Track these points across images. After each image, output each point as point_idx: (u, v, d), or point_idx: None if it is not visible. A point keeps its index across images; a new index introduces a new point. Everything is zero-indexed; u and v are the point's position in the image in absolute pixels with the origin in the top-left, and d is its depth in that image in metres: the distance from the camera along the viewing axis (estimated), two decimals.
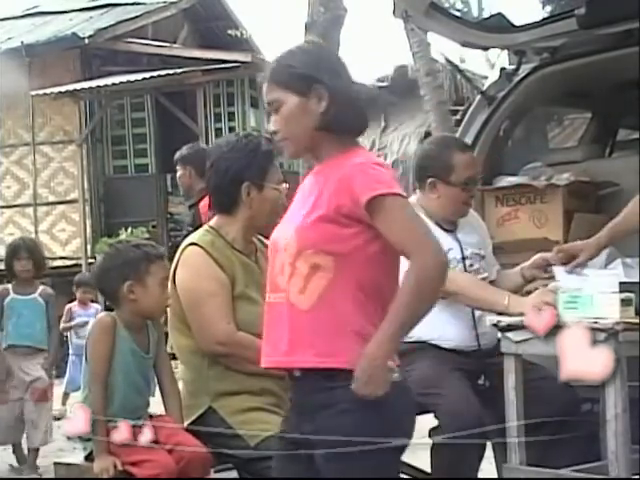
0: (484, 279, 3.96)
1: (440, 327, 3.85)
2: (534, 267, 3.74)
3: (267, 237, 3.58)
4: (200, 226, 3.58)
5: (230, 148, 3.41)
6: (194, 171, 6.15)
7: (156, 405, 3.38)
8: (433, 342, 3.85)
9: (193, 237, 3.40)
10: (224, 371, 3.26)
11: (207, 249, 3.31)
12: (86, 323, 8.54)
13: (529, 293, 3.63)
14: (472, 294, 3.78)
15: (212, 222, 3.45)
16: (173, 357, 3.39)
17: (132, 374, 3.20)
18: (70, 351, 9.00)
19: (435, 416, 3.69)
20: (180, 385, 3.35)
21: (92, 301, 9.23)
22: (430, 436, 3.65)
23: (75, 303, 9.03)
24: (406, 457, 3.74)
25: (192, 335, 3.29)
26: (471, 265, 3.92)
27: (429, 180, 3.91)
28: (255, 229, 3.46)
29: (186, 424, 3.24)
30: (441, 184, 3.91)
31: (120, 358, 3.17)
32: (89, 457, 3.16)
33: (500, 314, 3.52)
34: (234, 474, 3.33)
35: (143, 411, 3.24)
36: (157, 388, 3.39)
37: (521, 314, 3.42)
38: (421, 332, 3.87)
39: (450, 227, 3.98)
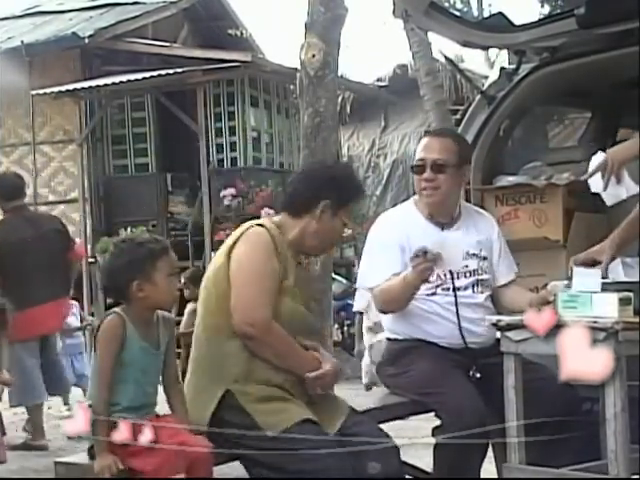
0: (484, 281, 3.95)
1: (429, 325, 3.86)
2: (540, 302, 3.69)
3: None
4: None
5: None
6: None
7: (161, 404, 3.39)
8: (428, 339, 3.86)
9: (260, 220, 3.51)
10: (246, 358, 3.27)
11: (272, 234, 3.37)
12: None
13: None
14: (390, 295, 3.81)
15: (277, 218, 3.54)
16: (178, 356, 3.41)
17: (141, 372, 3.21)
18: (58, 350, 8.98)
19: (436, 415, 3.70)
20: (188, 376, 3.37)
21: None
22: (433, 435, 3.65)
23: None
24: (408, 457, 3.76)
25: (223, 316, 3.29)
26: (465, 266, 3.90)
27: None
28: (306, 248, 3.53)
29: (208, 413, 3.24)
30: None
31: (129, 357, 3.18)
32: (92, 450, 3.16)
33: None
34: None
35: (150, 409, 3.25)
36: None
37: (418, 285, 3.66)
38: (413, 331, 3.89)
39: (445, 220, 3.97)
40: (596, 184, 3.59)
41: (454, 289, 3.85)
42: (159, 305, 3.27)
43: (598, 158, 3.61)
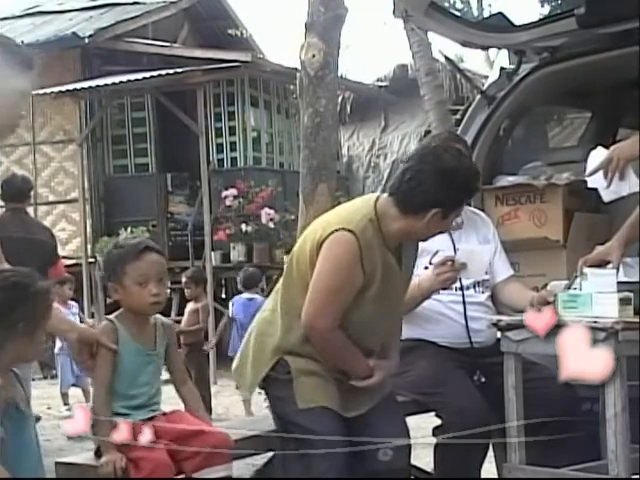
0: (484, 281, 3.96)
1: (433, 325, 3.86)
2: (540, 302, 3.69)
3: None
4: None
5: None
6: None
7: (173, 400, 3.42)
8: (429, 339, 3.86)
9: (350, 220, 3.29)
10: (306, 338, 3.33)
11: (360, 240, 3.23)
12: None
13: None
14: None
15: (380, 202, 3.34)
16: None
17: (137, 373, 3.23)
18: (56, 351, 8.98)
19: (437, 415, 3.70)
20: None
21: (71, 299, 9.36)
22: (434, 435, 3.66)
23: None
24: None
25: (298, 296, 3.31)
26: None
27: None
28: (404, 240, 3.39)
29: (260, 376, 3.35)
30: None
31: (124, 360, 3.20)
32: (98, 451, 3.17)
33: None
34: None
35: (154, 407, 3.27)
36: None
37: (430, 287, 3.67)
38: (415, 330, 3.89)
39: None
40: (595, 179, 3.58)
41: (462, 288, 3.86)
42: (135, 309, 3.26)
43: (598, 153, 3.61)
